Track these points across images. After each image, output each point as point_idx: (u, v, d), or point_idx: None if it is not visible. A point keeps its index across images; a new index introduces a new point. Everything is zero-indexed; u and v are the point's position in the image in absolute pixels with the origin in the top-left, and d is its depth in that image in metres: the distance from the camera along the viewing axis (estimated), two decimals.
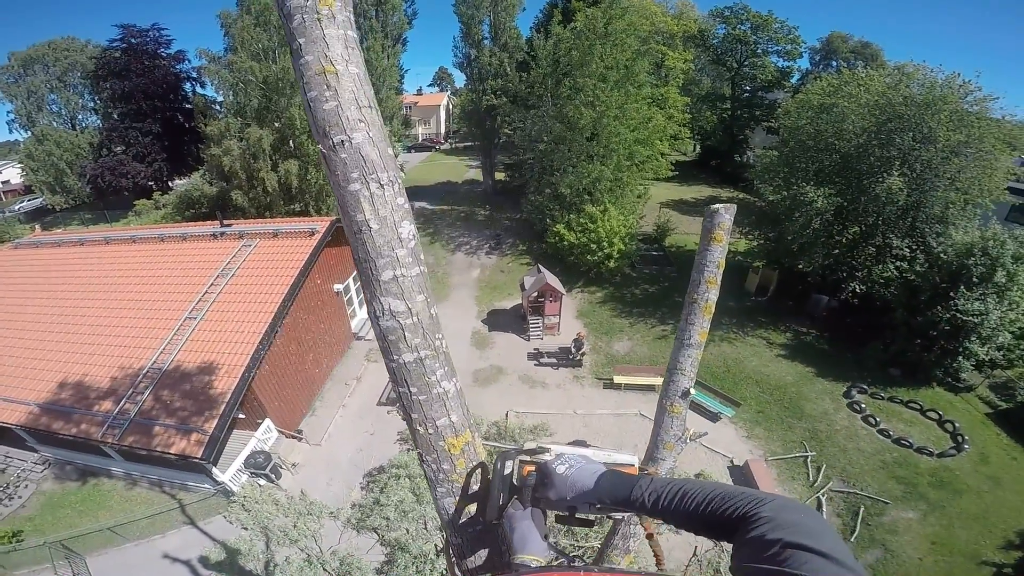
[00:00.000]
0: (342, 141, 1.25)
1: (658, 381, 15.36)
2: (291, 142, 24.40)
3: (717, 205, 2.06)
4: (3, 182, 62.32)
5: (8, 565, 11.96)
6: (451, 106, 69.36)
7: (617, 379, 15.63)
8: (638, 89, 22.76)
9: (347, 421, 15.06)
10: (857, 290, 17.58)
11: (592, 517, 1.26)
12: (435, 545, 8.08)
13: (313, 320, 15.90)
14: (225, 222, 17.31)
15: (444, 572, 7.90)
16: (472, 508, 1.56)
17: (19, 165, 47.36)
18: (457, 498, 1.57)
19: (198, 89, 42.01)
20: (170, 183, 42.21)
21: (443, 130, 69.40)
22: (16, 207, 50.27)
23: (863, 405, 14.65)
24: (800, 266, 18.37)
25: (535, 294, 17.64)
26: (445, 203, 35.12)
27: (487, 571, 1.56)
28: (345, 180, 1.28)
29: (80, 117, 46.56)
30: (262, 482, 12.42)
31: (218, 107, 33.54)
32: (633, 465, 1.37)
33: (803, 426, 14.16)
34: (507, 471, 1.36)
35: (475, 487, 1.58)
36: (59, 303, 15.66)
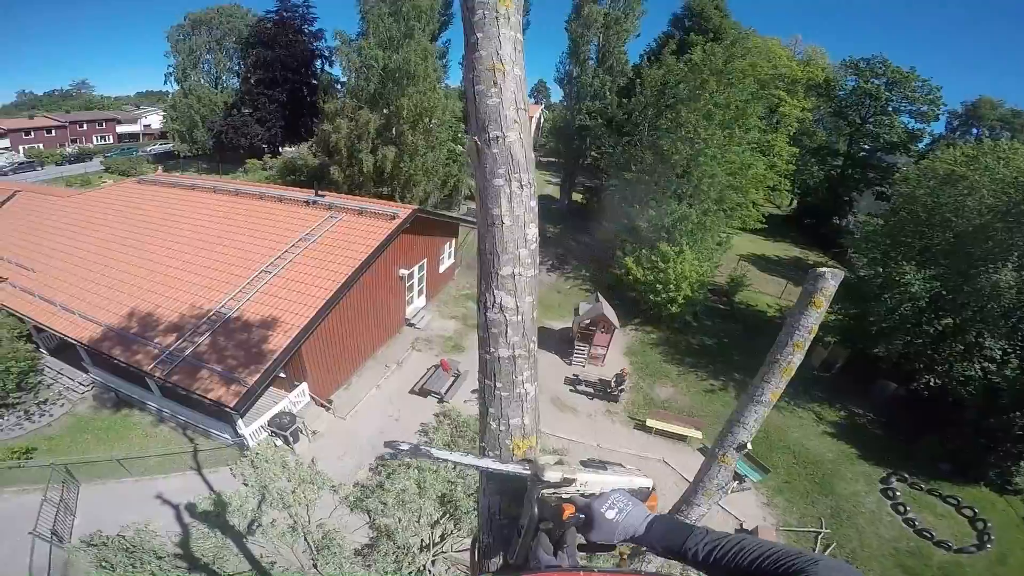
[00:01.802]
0: (496, 137, 1.32)
1: (692, 433, 14.90)
2: (394, 129, 25.79)
3: (824, 269, 2.00)
4: (146, 125, 72.42)
5: (3, 481, 12.14)
6: (543, 119, 70.15)
7: (650, 422, 15.10)
8: (745, 133, 21.81)
9: (377, 402, 15.60)
10: (931, 383, 16.05)
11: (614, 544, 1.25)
12: (421, 540, 8.12)
13: (373, 298, 16.51)
14: (319, 192, 18.42)
15: (421, 568, 7.95)
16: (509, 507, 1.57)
17: (163, 113, 54.18)
18: (503, 498, 1.59)
19: (326, 68, 45.93)
20: (280, 149, 46.32)
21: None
22: (149, 149, 57.76)
23: (898, 492, 14.07)
24: (876, 350, 16.89)
25: (587, 322, 17.38)
26: None
27: (509, 573, 1.59)
28: (491, 174, 1.35)
29: (224, 78, 52.33)
30: (279, 442, 12.82)
31: (340, 86, 36.42)
32: (651, 489, 1.38)
33: (827, 503, 13.65)
34: (534, 509, 1.30)
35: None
36: (158, 236, 17.20)
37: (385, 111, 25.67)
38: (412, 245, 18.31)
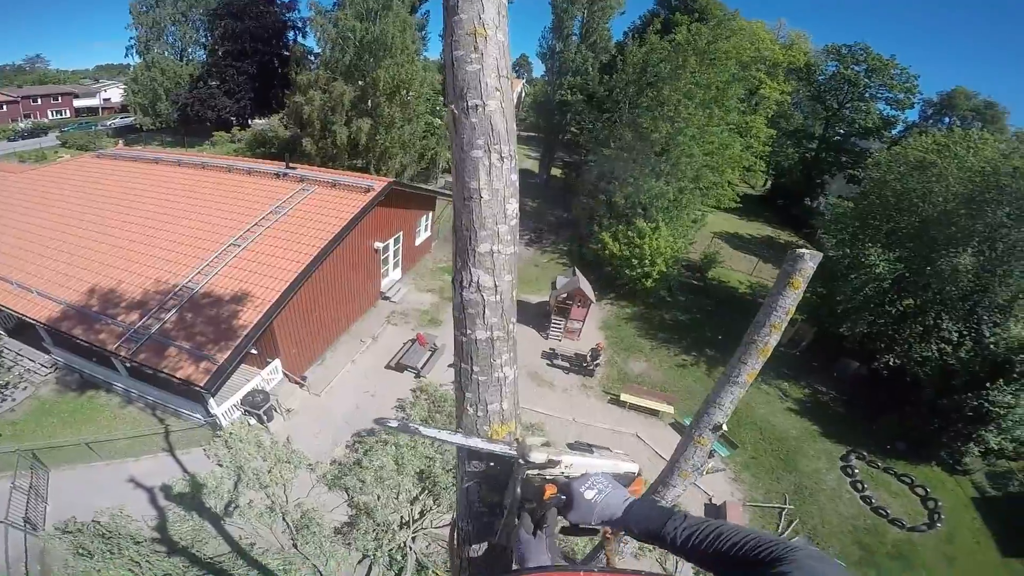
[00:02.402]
0: (476, 106, 1.23)
1: (664, 408, 15.13)
2: (369, 101, 25.18)
3: (803, 250, 1.96)
4: (105, 99, 69.50)
5: None
6: (523, 94, 69.46)
7: (624, 397, 15.31)
8: (725, 113, 21.94)
9: (352, 377, 15.40)
10: (891, 363, 16.68)
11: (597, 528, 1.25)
12: (400, 517, 8.04)
13: (347, 272, 16.20)
14: (290, 165, 17.89)
15: (402, 545, 7.96)
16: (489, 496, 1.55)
17: (124, 87, 51.57)
18: (482, 485, 1.55)
19: (299, 39, 44.29)
20: (250, 121, 44.78)
21: None
22: (108, 123, 55.26)
23: (856, 470, 14.58)
24: (841, 329, 17.50)
25: (564, 296, 17.45)
26: None
27: (487, 562, 1.57)
28: (469, 145, 1.27)
29: (189, 51, 49.88)
30: (252, 421, 12.52)
31: (313, 58, 35.23)
32: (637, 474, 1.36)
33: (791, 479, 14.10)
34: (517, 490, 1.32)
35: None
36: (119, 211, 16.47)
37: (360, 83, 25.02)
38: (388, 218, 18.00)
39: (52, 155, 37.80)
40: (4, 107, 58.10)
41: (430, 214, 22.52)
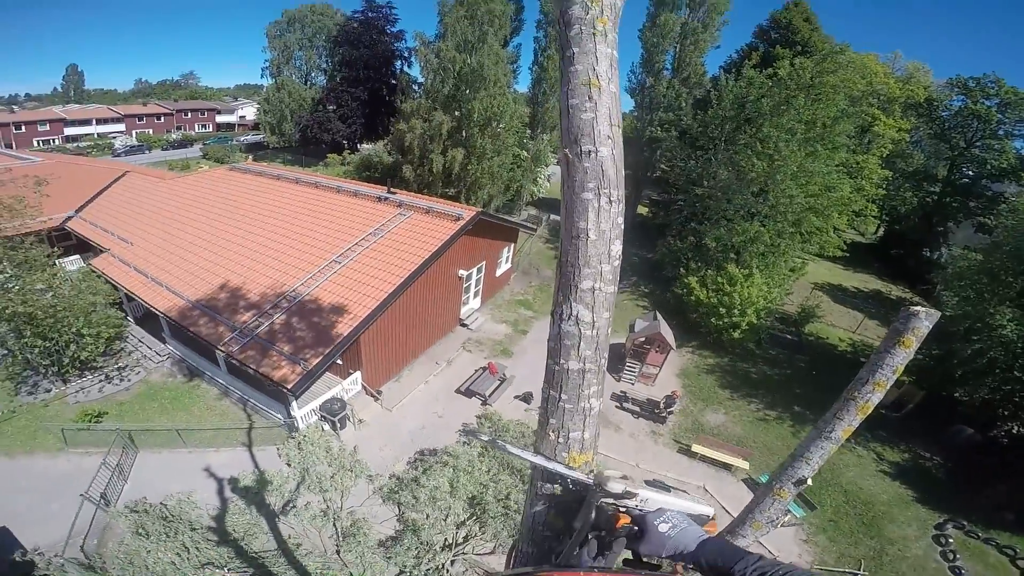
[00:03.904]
0: (589, 151, 1.31)
1: (738, 462, 14.24)
2: (463, 132, 26.50)
3: (918, 308, 1.91)
4: (241, 116, 79.18)
5: (72, 443, 12.48)
6: None
7: (695, 448, 14.52)
8: (831, 152, 20.46)
9: (424, 397, 15.97)
10: (1015, 431, 14.78)
11: (659, 563, 1.29)
12: (445, 538, 8.11)
13: (431, 296, 16.95)
14: (391, 190, 19.21)
15: (440, 567, 8.00)
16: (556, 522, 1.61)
17: (257, 105, 58.62)
18: (550, 509, 1.61)
19: (405, 68, 47.85)
20: (358, 145, 48.70)
21: None
22: (242, 138, 63.00)
23: (950, 539, 13.03)
24: (956, 394, 15.60)
25: (642, 339, 16.97)
26: None
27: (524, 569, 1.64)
28: (581, 187, 1.35)
29: (312, 75, 55.75)
30: (326, 427, 13.30)
31: (416, 87, 37.77)
32: (711, 517, 1.40)
33: (871, 545, 12.70)
34: (591, 515, 1.35)
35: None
36: (244, 221, 18.62)
37: (456, 113, 26.33)
38: (472, 247, 18.63)
39: (194, 165, 43.75)
40: (162, 119, 68.67)
41: (511, 246, 22.95)
